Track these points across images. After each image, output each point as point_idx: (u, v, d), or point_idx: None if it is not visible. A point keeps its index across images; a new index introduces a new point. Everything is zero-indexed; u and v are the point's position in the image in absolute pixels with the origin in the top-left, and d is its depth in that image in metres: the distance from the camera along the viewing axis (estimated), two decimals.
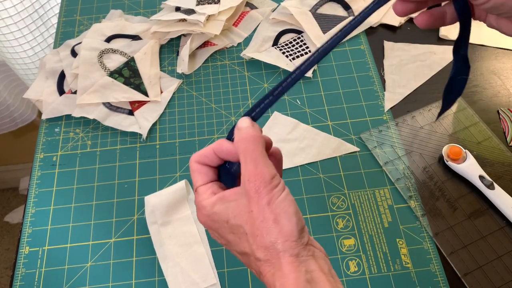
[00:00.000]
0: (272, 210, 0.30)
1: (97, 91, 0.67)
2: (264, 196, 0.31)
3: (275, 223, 0.30)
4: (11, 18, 0.96)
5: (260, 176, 0.31)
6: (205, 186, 0.35)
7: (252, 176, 0.31)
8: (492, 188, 0.55)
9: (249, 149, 0.32)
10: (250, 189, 0.31)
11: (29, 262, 0.56)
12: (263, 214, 0.31)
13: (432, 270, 0.53)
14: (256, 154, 0.32)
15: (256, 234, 0.31)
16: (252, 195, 0.31)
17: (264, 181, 0.31)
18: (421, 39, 0.73)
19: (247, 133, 0.33)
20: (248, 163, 0.32)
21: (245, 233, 0.32)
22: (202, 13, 0.72)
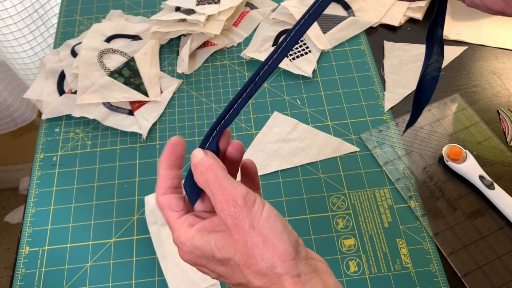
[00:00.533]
0: (258, 232, 0.28)
1: (97, 91, 0.67)
2: (245, 221, 0.28)
3: (266, 245, 0.28)
4: (11, 18, 0.96)
5: (232, 201, 0.29)
6: (179, 221, 0.33)
7: (224, 204, 0.29)
8: (492, 188, 0.55)
9: (210, 180, 0.30)
10: (226, 218, 0.29)
11: (29, 262, 0.56)
12: (250, 240, 0.28)
13: (432, 270, 0.53)
14: (218, 182, 0.30)
15: (249, 263, 0.29)
16: (231, 224, 0.29)
17: (238, 205, 0.29)
18: (421, 39, 0.73)
19: (202, 165, 0.31)
20: (215, 193, 0.30)
21: (237, 264, 0.29)
22: (202, 13, 0.72)
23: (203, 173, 0.31)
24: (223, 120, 0.33)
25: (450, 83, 0.68)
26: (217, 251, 0.30)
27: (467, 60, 0.71)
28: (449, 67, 0.70)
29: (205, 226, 0.32)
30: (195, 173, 0.32)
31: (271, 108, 0.67)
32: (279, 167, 0.61)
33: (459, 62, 0.70)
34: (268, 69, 0.32)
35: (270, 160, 0.62)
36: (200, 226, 0.32)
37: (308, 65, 0.71)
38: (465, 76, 0.69)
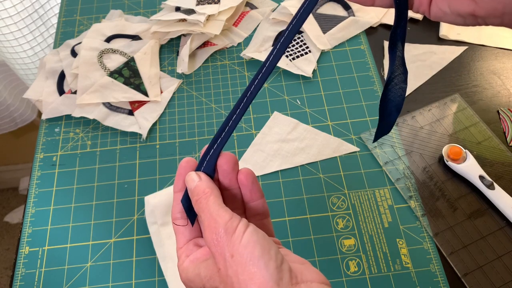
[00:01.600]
0: (237, 261, 0.27)
1: (97, 91, 0.67)
2: (225, 248, 0.28)
3: (243, 274, 0.27)
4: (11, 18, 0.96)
5: (214, 229, 0.28)
6: (181, 250, 0.33)
7: (208, 232, 0.29)
8: (492, 188, 0.55)
9: (201, 208, 0.30)
10: (210, 246, 0.29)
11: (29, 262, 0.56)
12: (230, 269, 0.27)
13: (432, 270, 0.53)
14: (208, 209, 0.30)
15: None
16: (214, 251, 0.28)
17: (219, 233, 0.28)
18: (421, 39, 0.73)
19: (197, 193, 0.31)
20: (204, 221, 0.30)
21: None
22: (202, 13, 0.72)
23: (197, 201, 0.31)
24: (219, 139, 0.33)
25: (450, 83, 0.68)
26: (206, 281, 0.29)
27: (467, 60, 0.71)
28: (449, 67, 0.70)
29: (198, 256, 0.31)
30: (191, 199, 0.32)
31: (271, 108, 0.67)
32: (279, 167, 0.61)
33: (459, 62, 0.70)
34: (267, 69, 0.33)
35: (270, 160, 0.62)
36: (193, 257, 0.31)
37: (308, 65, 0.71)
38: (465, 76, 0.69)
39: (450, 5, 0.29)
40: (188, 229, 0.33)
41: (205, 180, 0.32)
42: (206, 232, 0.29)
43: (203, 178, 0.32)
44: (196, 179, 0.32)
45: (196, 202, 0.31)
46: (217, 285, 0.29)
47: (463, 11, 0.28)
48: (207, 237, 0.29)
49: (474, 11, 0.27)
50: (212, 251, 0.29)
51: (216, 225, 0.29)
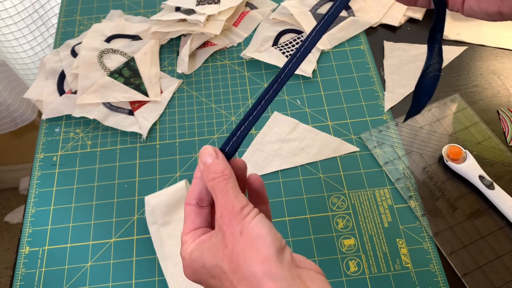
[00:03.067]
0: (245, 237, 0.29)
1: (97, 91, 0.67)
2: (236, 227, 0.29)
3: (250, 249, 0.28)
4: (11, 18, 0.96)
5: (231, 209, 0.30)
6: (187, 236, 0.33)
7: (224, 210, 0.30)
8: (492, 188, 0.55)
9: (218, 187, 0.31)
10: (223, 224, 0.30)
11: (29, 262, 0.56)
12: (237, 245, 0.29)
13: (432, 270, 0.53)
14: (225, 189, 0.31)
15: (234, 268, 0.29)
16: (225, 230, 0.30)
17: (235, 213, 0.30)
18: (421, 39, 0.73)
19: (214, 171, 0.31)
20: (219, 199, 0.31)
21: (223, 271, 0.29)
22: (202, 13, 0.72)
23: (213, 179, 0.31)
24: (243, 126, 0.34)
25: (450, 83, 0.68)
26: (207, 260, 0.30)
27: (467, 60, 0.71)
28: (449, 67, 0.70)
29: (204, 239, 0.32)
30: (204, 174, 0.32)
31: (271, 108, 0.67)
32: (279, 167, 0.61)
33: (459, 62, 0.70)
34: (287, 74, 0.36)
35: (270, 160, 0.62)
36: (199, 240, 0.32)
37: (308, 65, 0.71)
38: (465, 76, 0.69)
39: (479, 5, 0.33)
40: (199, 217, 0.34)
41: (223, 160, 0.32)
42: (222, 210, 0.30)
43: (220, 157, 0.32)
44: (213, 155, 0.32)
45: (212, 180, 0.31)
46: (217, 262, 0.30)
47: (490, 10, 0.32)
48: (222, 215, 0.30)
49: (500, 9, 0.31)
50: (223, 230, 0.30)
51: (233, 208, 0.30)
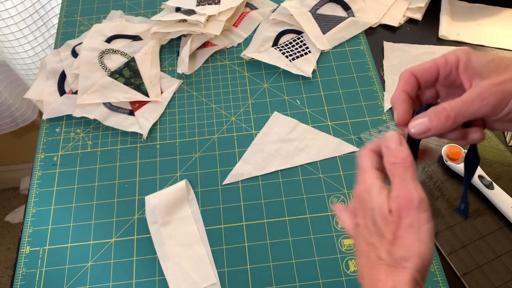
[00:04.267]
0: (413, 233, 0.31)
1: (97, 91, 0.68)
2: (407, 218, 0.31)
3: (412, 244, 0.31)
4: (12, 19, 0.96)
5: (409, 197, 0.31)
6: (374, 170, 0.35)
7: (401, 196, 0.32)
8: (491, 188, 0.56)
9: (397, 172, 0.33)
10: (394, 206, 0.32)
11: (29, 262, 0.56)
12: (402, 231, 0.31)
13: (432, 269, 0.53)
14: (404, 177, 0.32)
15: (393, 242, 0.31)
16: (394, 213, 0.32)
17: (413, 203, 0.31)
18: (420, 40, 0.73)
19: (396, 156, 0.33)
20: (397, 185, 0.32)
21: (383, 234, 0.32)
22: (202, 13, 0.72)
23: (395, 165, 0.33)
24: None
25: None
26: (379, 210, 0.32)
27: None
28: None
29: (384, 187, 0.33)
30: (386, 157, 0.33)
31: (271, 108, 0.67)
32: (279, 167, 0.61)
33: None
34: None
35: (270, 160, 0.62)
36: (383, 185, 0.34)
37: (307, 65, 0.71)
38: None
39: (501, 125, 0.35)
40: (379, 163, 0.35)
41: (407, 149, 0.33)
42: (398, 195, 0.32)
43: (404, 145, 0.33)
44: (398, 142, 0.33)
45: (393, 165, 0.33)
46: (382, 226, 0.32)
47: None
48: (398, 196, 0.32)
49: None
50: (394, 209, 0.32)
51: (411, 197, 0.31)
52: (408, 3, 0.77)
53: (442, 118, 0.32)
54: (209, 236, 0.57)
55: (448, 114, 0.32)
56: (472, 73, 0.33)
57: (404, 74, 0.36)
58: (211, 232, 0.57)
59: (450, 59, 0.35)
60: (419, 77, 0.36)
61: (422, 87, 0.36)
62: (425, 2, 0.76)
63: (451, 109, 0.32)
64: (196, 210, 0.59)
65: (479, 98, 0.32)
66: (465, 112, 0.32)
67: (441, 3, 0.77)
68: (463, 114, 0.32)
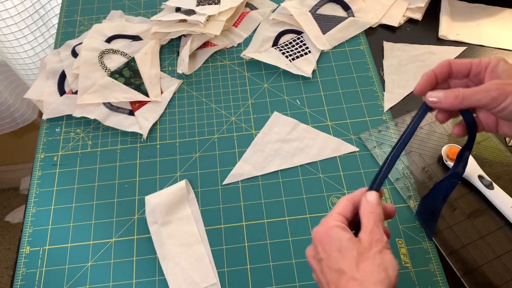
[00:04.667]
0: (381, 257, 0.38)
1: (97, 91, 0.68)
2: (378, 245, 0.39)
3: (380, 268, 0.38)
4: (12, 19, 0.96)
5: (377, 236, 0.40)
6: (335, 214, 0.42)
7: (371, 233, 0.40)
8: (491, 188, 0.56)
9: (372, 219, 0.41)
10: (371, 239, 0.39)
11: (29, 262, 0.56)
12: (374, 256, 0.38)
13: (432, 269, 0.53)
14: (378, 224, 0.40)
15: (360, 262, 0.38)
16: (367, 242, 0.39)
17: (379, 240, 0.39)
18: (420, 40, 0.73)
19: (374, 210, 0.41)
20: (370, 226, 0.40)
21: (354, 256, 0.38)
22: (202, 13, 0.72)
23: (372, 213, 0.41)
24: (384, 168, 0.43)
25: None
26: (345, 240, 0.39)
27: None
28: None
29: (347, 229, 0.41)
30: (366, 207, 0.41)
31: (271, 108, 0.67)
32: (279, 167, 0.61)
33: None
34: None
35: (270, 160, 0.62)
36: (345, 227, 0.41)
37: (307, 65, 0.71)
38: None
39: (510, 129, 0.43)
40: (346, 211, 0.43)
41: (381, 204, 0.42)
42: (370, 232, 0.40)
43: (379, 202, 0.42)
44: (376, 200, 0.42)
45: (370, 214, 0.41)
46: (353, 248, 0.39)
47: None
48: (371, 233, 0.40)
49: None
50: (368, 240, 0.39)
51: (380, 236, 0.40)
52: (408, 3, 0.77)
53: (452, 96, 0.40)
54: (209, 236, 0.57)
55: (457, 95, 0.40)
56: (494, 75, 0.41)
57: (443, 62, 0.43)
58: (211, 232, 0.57)
59: (483, 61, 0.42)
60: (453, 67, 0.43)
61: (453, 76, 0.43)
62: (425, 2, 0.76)
63: (461, 92, 0.40)
64: (196, 210, 0.59)
65: (484, 90, 0.39)
66: (471, 98, 0.40)
67: (441, 3, 0.77)
68: (469, 98, 0.40)
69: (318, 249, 0.41)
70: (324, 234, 0.41)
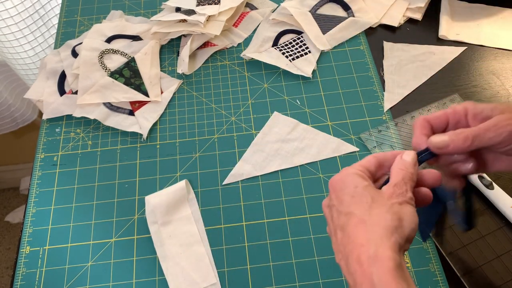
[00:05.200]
0: (400, 207, 0.35)
1: (97, 91, 0.68)
2: (400, 198, 0.35)
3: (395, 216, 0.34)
4: (12, 19, 0.96)
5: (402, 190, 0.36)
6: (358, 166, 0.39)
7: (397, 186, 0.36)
8: (491, 188, 0.56)
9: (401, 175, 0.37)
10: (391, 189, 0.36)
11: (29, 262, 0.56)
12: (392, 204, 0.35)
13: (432, 269, 0.53)
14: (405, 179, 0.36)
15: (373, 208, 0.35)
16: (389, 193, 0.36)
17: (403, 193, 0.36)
18: (420, 40, 0.73)
19: (405, 167, 0.37)
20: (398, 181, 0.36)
21: (368, 201, 0.35)
22: (202, 13, 0.72)
23: (402, 170, 0.37)
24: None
25: (449, 83, 0.68)
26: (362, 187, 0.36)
27: (466, 61, 0.71)
28: (448, 67, 0.70)
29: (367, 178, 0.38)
30: (397, 163, 0.38)
31: (271, 108, 0.67)
32: (279, 167, 0.61)
33: (458, 62, 0.71)
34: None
35: (270, 160, 0.62)
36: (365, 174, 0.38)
37: (307, 65, 0.71)
38: (464, 76, 0.69)
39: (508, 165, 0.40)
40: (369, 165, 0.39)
41: (416, 166, 0.38)
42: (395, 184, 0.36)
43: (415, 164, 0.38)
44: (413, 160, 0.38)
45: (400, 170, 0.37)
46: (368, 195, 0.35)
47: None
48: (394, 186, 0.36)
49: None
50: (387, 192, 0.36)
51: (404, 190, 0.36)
52: (408, 3, 0.77)
53: (461, 138, 0.37)
54: (209, 236, 0.57)
55: (467, 136, 0.37)
56: (481, 118, 0.38)
57: (419, 120, 0.40)
58: (211, 232, 0.57)
59: (458, 109, 0.39)
60: (432, 123, 0.40)
61: (434, 132, 0.40)
62: (425, 2, 0.76)
63: (470, 132, 0.37)
64: (196, 210, 0.59)
65: (495, 127, 0.36)
66: (482, 137, 0.37)
67: (441, 3, 0.77)
68: (480, 138, 0.37)
69: (331, 196, 0.38)
70: (339, 180, 0.37)
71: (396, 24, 0.75)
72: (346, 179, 0.37)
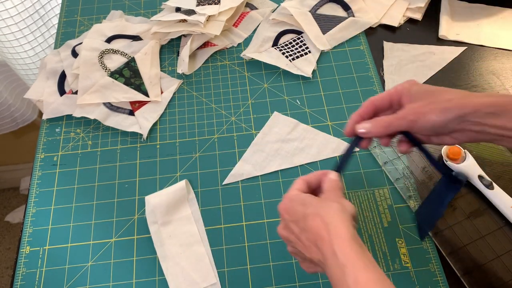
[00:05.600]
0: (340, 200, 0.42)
1: (97, 91, 0.68)
2: (338, 196, 0.43)
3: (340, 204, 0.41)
4: (12, 19, 0.96)
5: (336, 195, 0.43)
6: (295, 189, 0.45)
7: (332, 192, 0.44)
8: (491, 188, 0.56)
9: (332, 187, 0.44)
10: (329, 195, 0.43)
11: (29, 262, 0.56)
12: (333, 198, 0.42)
13: (432, 269, 0.53)
14: (336, 189, 0.44)
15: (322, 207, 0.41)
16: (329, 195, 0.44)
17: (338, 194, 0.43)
18: (420, 40, 0.73)
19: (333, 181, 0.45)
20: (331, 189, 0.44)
21: (316, 202, 0.42)
22: (202, 13, 0.72)
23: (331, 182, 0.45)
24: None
25: (449, 83, 0.68)
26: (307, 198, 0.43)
27: (466, 61, 0.71)
28: (448, 67, 0.70)
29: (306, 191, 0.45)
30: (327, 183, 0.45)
31: (271, 108, 0.67)
32: (279, 167, 0.61)
33: (458, 62, 0.71)
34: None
35: (270, 160, 0.62)
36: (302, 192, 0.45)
37: (307, 65, 0.71)
38: (464, 76, 0.69)
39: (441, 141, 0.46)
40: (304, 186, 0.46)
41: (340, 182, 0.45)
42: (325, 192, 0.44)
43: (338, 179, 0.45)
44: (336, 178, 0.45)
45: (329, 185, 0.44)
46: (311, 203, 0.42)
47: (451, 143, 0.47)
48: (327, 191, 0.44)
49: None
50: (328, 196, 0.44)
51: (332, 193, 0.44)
52: (408, 3, 0.77)
53: (378, 126, 0.45)
54: (209, 236, 0.57)
55: (382, 123, 0.45)
56: (408, 99, 0.45)
57: (366, 102, 0.47)
58: (211, 232, 0.57)
59: (399, 88, 0.46)
60: (377, 104, 0.47)
61: (379, 110, 0.47)
62: (425, 2, 0.76)
63: (386, 120, 0.45)
64: (196, 210, 0.59)
65: (402, 116, 0.44)
66: (394, 125, 0.44)
67: (441, 3, 0.77)
68: (392, 125, 0.44)
69: (284, 217, 0.44)
70: (287, 202, 0.44)
71: (396, 24, 0.75)
72: (291, 198, 0.43)
